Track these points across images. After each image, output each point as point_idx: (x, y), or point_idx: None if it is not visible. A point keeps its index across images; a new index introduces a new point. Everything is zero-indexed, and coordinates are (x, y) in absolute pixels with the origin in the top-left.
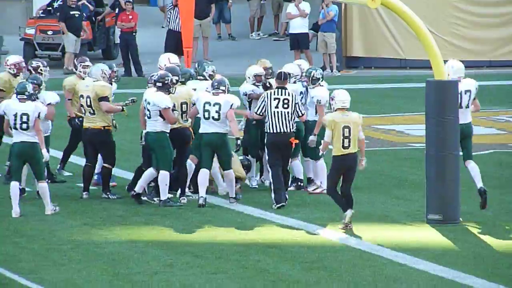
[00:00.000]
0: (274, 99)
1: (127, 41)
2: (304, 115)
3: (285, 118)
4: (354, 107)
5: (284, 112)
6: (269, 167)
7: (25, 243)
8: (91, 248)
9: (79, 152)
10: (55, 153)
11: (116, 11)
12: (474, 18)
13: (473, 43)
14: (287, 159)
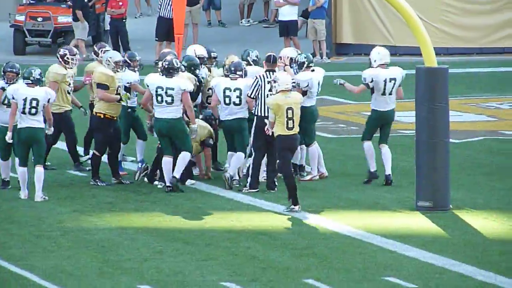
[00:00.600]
0: (268, 82)
1: (117, 27)
2: None
3: None
4: (344, 94)
5: None
6: (253, 150)
7: (15, 230)
8: (80, 234)
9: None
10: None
11: None
12: (464, 5)
13: (464, 30)
14: (272, 144)
